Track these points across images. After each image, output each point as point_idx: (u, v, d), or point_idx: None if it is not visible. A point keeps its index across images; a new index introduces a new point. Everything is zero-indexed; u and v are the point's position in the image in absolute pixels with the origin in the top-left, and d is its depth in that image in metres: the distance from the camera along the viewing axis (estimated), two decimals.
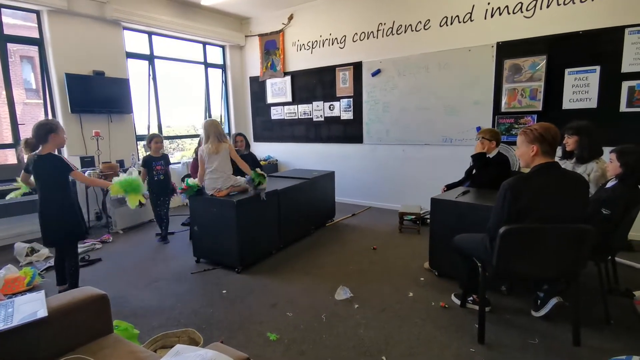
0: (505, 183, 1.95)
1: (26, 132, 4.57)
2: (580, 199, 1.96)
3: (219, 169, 3.34)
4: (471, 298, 2.54)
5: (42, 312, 1.42)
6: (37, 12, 4.43)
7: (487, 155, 3.32)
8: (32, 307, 1.47)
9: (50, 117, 4.64)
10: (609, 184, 2.39)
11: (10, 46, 4.33)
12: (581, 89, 3.93)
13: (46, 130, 2.56)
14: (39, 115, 6.98)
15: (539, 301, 2.39)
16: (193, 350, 1.21)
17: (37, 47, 4.54)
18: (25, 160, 2.69)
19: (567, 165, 2.89)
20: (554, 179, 1.94)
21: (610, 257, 2.59)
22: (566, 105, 4.01)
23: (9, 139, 4.47)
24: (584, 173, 2.73)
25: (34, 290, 2.98)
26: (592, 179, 2.69)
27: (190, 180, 3.42)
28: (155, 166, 4.11)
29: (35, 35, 4.49)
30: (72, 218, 2.70)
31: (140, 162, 4.24)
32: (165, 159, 4.22)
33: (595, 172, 2.70)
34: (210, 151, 3.33)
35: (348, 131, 5.73)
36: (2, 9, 4.19)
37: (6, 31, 4.24)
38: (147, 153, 4.20)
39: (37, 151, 2.59)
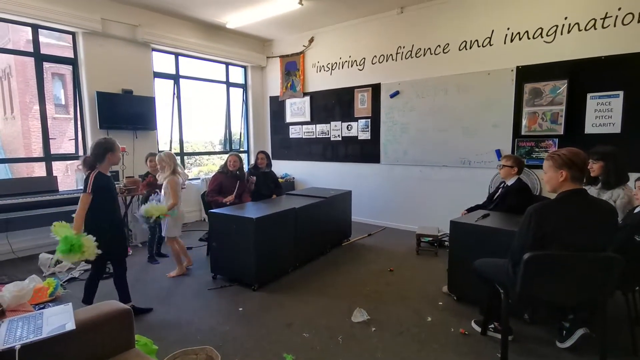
0: (531, 208, 1.92)
1: (56, 147, 4.77)
2: (609, 227, 1.91)
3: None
4: (492, 325, 2.47)
5: (70, 325, 1.45)
6: (73, 34, 4.70)
7: (505, 183, 3.31)
8: (60, 319, 1.50)
9: (79, 132, 4.84)
10: (637, 210, 2.34)
11: (43, 64, 4.57)
12: (604, 113, 3.88)
13: (104, 149, 2.61)
14: (66, 129, 7.25)
15: (564, 331, 2.31)
16: None
17: (70, 66, 4.79)
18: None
19: (591, 191, 2.84)
20: (582, 206, 1.91)
21: (638, 287, 2.50)
22: (589, 129, 3.96)
23: (37, 152, 4.66)
24: (610, 199, 2.67)
25: (56, 301, 3.05)
26: (618, 206, 2.62)
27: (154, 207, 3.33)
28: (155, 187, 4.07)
29: (70, 54, 4.75)
30: (109, 235, 2.65)
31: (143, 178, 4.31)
32: None
33: (622, 199, 2.64)
34: (181, 182, 3.50)
35: (365, 151, 5.77)
36: (39, 30, 4.45)
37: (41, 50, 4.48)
38: (146, 171, 4.23)
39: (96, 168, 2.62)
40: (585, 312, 2.30)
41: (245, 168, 5.24)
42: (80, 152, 4.90)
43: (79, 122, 4.87)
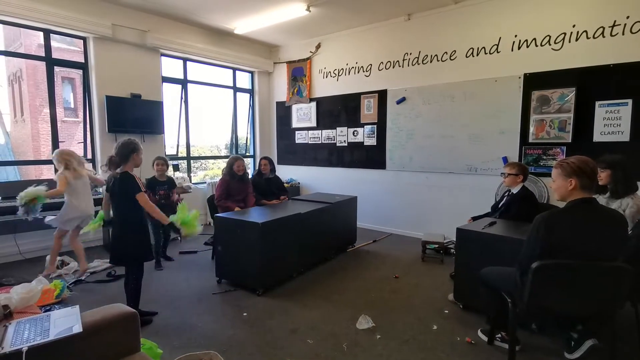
0: (540, 216, 1.90)
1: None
2: (618, 237, 1.89)
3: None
4: (499, 335, 2.44)
5: (77, 328, 1.45)
6: (84, 39, 4.77)
7: (511, 191, 3.29)
8: (67, 321, 1.51)
9: (88, 135, 4.90)
10: None
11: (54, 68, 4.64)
12: (613, 121, 3.84)
13: (130, 150, 2.67)
14: (75, 132, 7.31)
15: (572, 342, 2.27)
16: None
17: (81, 70, 4.86)
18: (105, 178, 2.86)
19: (600, 200, 2.81)
20: (592, 215, 1.89)
21: None
22: (597, 137, 3.92)
23: (46, 155, 4.72)
24: (619, 208, 2.64)
25: (62, 303, 3.07)
26: (627, 215, 2.59)
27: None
28: (159, 190, 4.08)
29: (80, 59, 4.83)
30: (138, 238, 2.72)
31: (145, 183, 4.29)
32: (169, 183, 4.19)
33: (631, 208, 2.61)
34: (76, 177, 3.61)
35: (371, 157, 5.77)
36: (51, 34, 4.52)
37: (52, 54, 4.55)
38: (152, 175, 4.17)
39: (117, 169, 2.68)
40: (594, 322, 2.27)
41: (251, 173, 5.27)
42: (89, 155, 4.95)
43: (87, 126, 4.92)
